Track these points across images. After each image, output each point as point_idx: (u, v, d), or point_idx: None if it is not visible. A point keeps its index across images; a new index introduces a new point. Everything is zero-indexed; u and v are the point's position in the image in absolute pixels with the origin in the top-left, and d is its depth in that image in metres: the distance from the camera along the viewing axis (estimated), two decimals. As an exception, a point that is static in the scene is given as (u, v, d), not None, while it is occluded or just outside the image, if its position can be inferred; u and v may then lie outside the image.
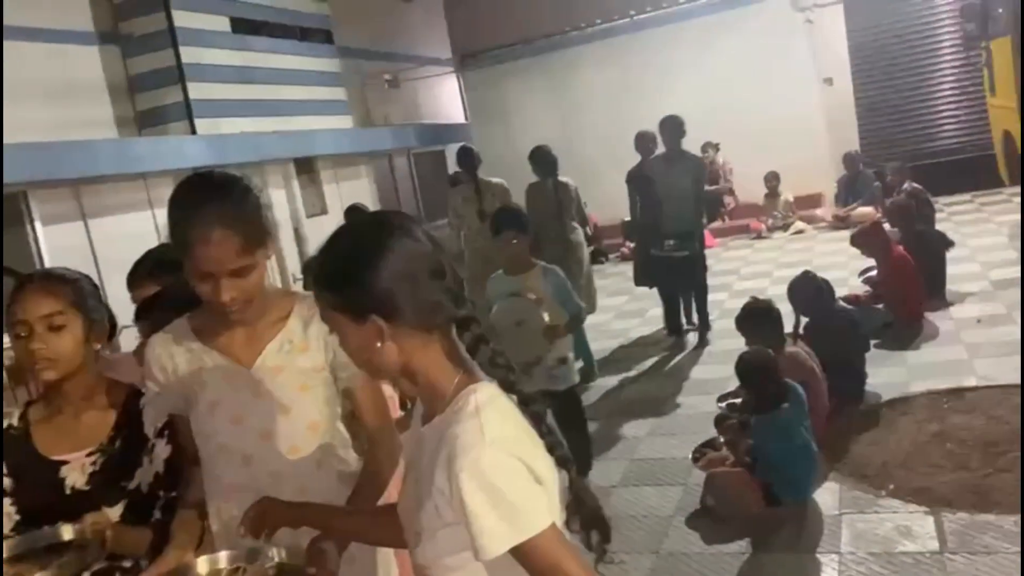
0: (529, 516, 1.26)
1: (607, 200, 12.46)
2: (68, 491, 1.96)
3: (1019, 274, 7.16)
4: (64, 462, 1.98)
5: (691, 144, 12.02)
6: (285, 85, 10.27)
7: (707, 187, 12.36)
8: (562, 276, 4.41)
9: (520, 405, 1.34)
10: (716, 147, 12.37)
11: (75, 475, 1.97)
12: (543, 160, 7.03)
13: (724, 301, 8.28)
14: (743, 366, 4.14)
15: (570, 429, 4.30)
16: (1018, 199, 9.27)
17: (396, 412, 2.84)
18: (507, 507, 1.25)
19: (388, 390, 2.73)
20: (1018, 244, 8.21)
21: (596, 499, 1.36)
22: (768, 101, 12.11)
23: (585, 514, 1.37)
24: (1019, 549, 3.28)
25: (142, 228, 8.16)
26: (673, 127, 7.26)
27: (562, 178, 7.23)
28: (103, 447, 2.01)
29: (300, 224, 10.15)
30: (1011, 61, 7.01)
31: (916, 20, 12.07)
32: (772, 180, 11.75)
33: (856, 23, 12.17)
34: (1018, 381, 4.89)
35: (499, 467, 1.26)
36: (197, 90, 8.91)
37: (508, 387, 1.36)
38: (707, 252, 10.95)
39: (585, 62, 13.44)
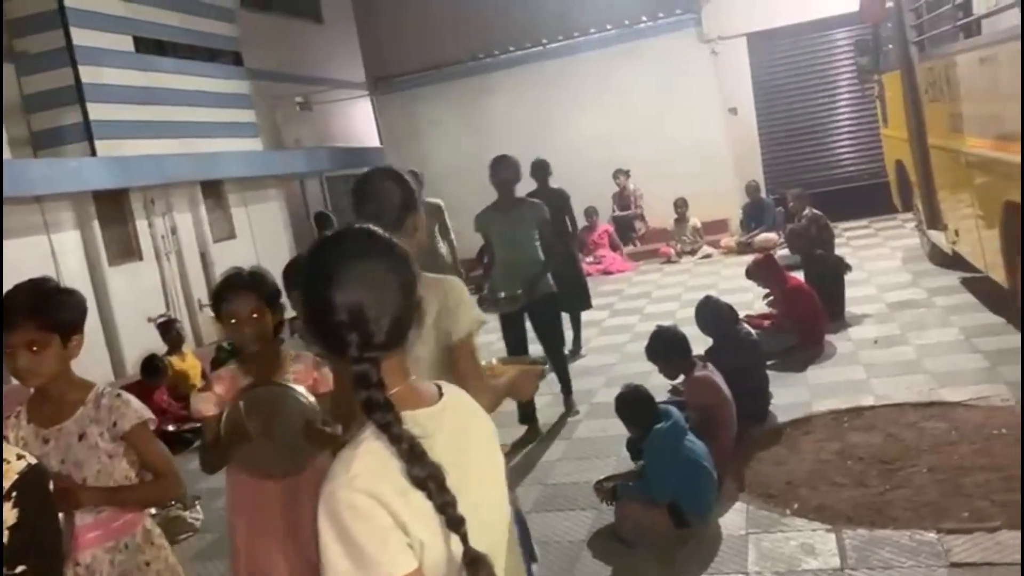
0: (377, 560, 1.21)
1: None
2: None
3: (913, 296, 7.50)
4: None
5: (602, 171, 12.40)
6: (191, 106, 10.03)
7: (618, 213, 12.69)
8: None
9: (415, 459, 1.26)
10: (627, 173, 12.63)
11: None
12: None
13: (635, 324, 8.39)
14: (616, 403, 4.29)
15: None
16: (911, 224, 9.73)
17: None
18: (354, 547, 1.20)
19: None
20: (911, 267, 8.60)
21: (491, 568, 1.29)
22: (676, 129, 12.44)
23: None
24: (913, 563, 3.39)
25: (37, 252, 7.80)
26: (507, 168, 6.37)
27: (431, 199, 7.11)
28: None
29: (207, 249, 9.87)
30: (901, 93, 7.36)
31: (815, 54, 12.61)
32: (680, 206, 12.03)
33: (759, 56, 12.63)
34: (911, 400, 5.09)
35: (351, 505, 1.21)
36: (97, 110, 8.61)
37: (395, 443, 1.28)
38: (620, 276, 11.30)
39: (497, 88, 13.56)
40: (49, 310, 2.26)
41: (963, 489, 3.89)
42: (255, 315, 2.72)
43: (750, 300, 7.94)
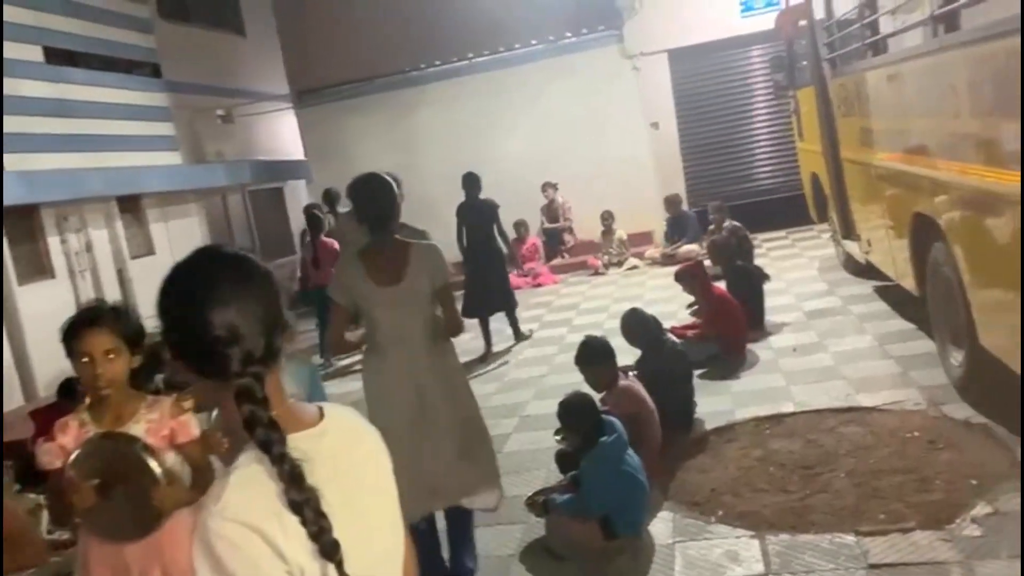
0: None
1: (447, 236, 12.51)
2: None
3: (829, 304, 7.72)
4: None
5: (529, 183, 12.47)
6: (107, 119, 9.72)
7: (547, 225, 12.76)
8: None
9: (294, 482, 1.22)
10: (555, 186, 12.71)
11: None
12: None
13: (564, 336, 8.43)
14: (560, 410, 4.24)
15: None
16: (826, 235, 10.03)
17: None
18: None
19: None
20: (827, 277, 8.86)
21: None
22: (601, 143, 12.60)
23: None
24: (834, 566, 3.47)
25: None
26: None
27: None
28: None
29: (124, 266, 9.57)
30: (815, 109, 7.60)
31: (734, 70, 12.93)
32: (607, 219, 12.17)
33: (680, 71, 12.89)
34: (829, 405, 5.23)
35: (222, 536, 1.18)
36: (5, 123, 8.26)
37: (278, 463, 1.24)
38: (549, 289, 11.36)
39: (424, 101, 13.52)
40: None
41: (879, 492, 4.00)
42: (110, 355, 2.53)
43: (674, 311, 8.06)
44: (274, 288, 1.36)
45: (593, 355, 4.87)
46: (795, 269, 9.65)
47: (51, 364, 7.99)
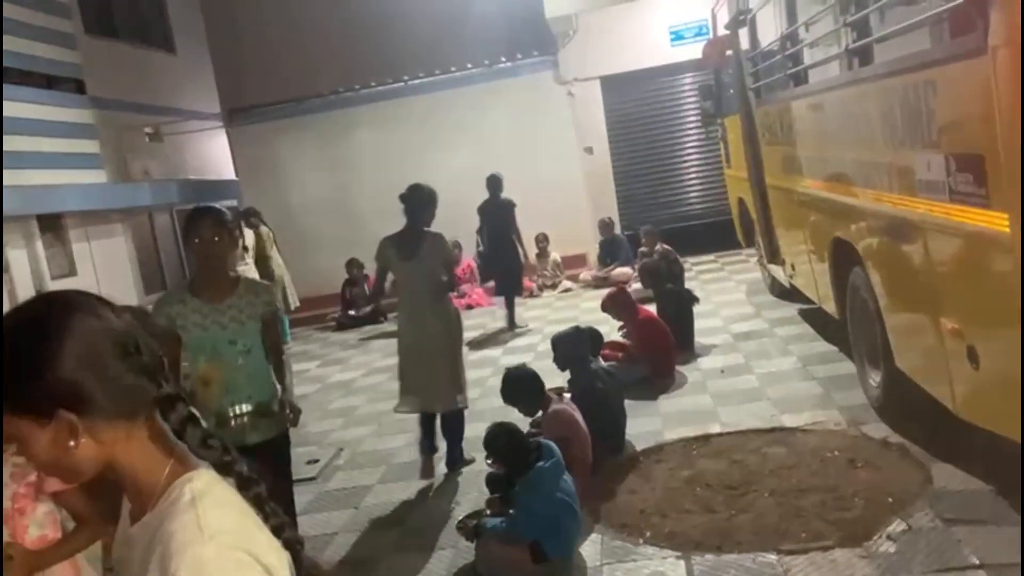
0: None
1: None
2: None
3: (756, 327, 7.89)
4: None
5: (464, 206, 12.48)
6: (26, 135, 9.40)
7: (482, 248, 12.73)
8: None
9: (240, 489, 1.23)
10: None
11: None
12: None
13: (498, 358, 8.43)
14: (486, 440, 4.25)
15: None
16: (753, 259, 10.28)
17: (56, 533, 2.55)
18: None
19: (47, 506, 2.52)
20: (754, 299, 9.07)
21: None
22: (536, 167, 12.69)
23: None
24: (758, 585, 3.53)
25: None
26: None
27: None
28: None
29: (44, 286, 9.23)
30: (741, 136, 7.80)
31: (664, 97, 13.21)
32: (542, 241, 12.25)
33: (612, 97, 13.12)
34: (755, 426, 5.33)
35: (222, 564, 1.13)
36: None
37: (224, 469, 1.24)
38: (483, 310, 11.36)
39: (358, 122, 13.45)
40: None
41: (801, 511, 4.09)
42: None
43: (606, 332, 8.09)
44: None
45: (516, 388, 4.89)
46: (723, 292, 9.84)
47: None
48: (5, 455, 2.41)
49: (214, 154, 14.14)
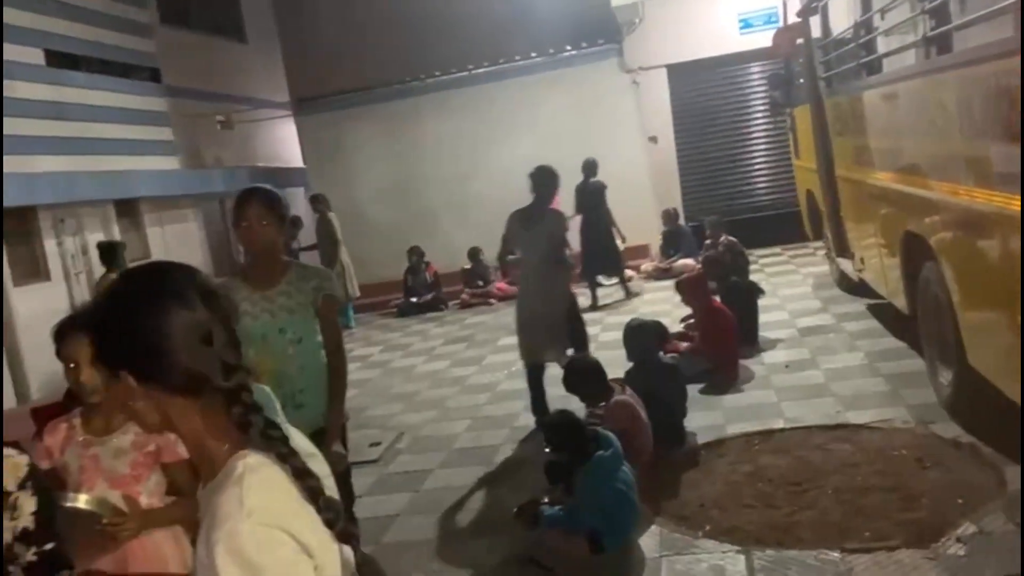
0: None
1: (444, 247, 12.56)
2: None
3: (822, 321, 7.75)
4: None
5: (527, 196, 12.46)
6: (105, 123, 9.75)
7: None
8: None
9: (295, 479, 1.26)
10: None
11: None
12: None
13: (557, 348, 8.42)
14: (547, 431, 4.26)
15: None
16: (821, 252, 10.08)
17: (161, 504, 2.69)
18: None
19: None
20: (821, 294, 8.90)
21: (379, 567, 1.31)
22: (598, 156, 12.59)
23: None
24: (819, 583, 3.49)
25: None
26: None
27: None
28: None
29: (121, 269, 9.57)
30: (811, 127, 7.65)
31: (732, 86, 13.00)
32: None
33: (679, 86, 12.96)
34: (819, 422, 5.25)
35: (257, 540, 1.17)
36: (6, 125, 8.29)
37: (281, 460, 1.27)
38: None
39: (422, 112, 13.56)
40: None
41: (865, 509, 4.01)
42: (95, 362, 2.51)
43: (667, 324, 8.05)
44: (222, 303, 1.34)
45: (580, 378, 4.90)
46: (790, 285, 9.67)
47: (45, 366, 8.00)
48: (126, 424, 2.60)
49: (283, 142, 14.45)
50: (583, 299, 10.08)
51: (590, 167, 10.49)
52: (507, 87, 13.20)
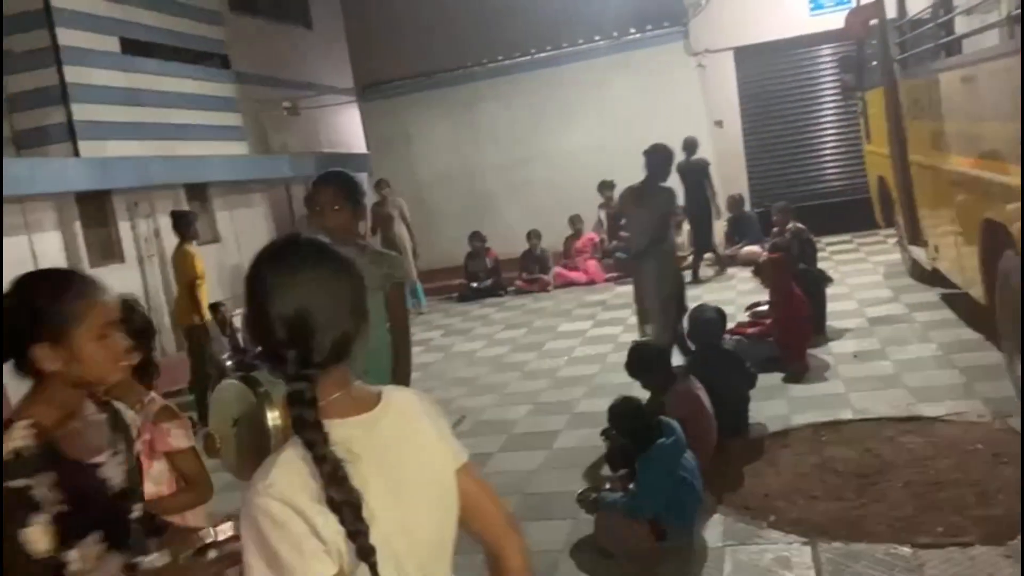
0: (292, 566, 1.24)
1: (505, 232, 12.59)
2: (113, 492, 1.88)
3: (893, 311, 7.56)
4: (98, 464, 1.87)
5: (589, 181, 12.46)
6: (176, 108, 10.01)
7: (605, 222, 12.68)
8: None
9: (335, 482, 1.27)
10: (611, 186, 12.60)
11: (114, 474, 1.89)
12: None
13: (618, 335, 8.42)
14: (610, 414, 4.25)
15: None
16: (892, 240, 9.82)
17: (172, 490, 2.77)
18: (272, 555, 1.24)
19: None
20: (892, 283, 8.67)
21: None
22: (662, 140, 12.44)
23: None
24: (888, 577, 3.42)
25: (17, 253, 7.75)
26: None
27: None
28: (117, 447, 1.94)
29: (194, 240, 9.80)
30: (884, 110, 7.43)
31: (801, 69, 12.70)
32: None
33: (745, 69, 12.71)
34: (889, 414, 5.13)
35: (267, 512, 1.25)
36: (82, 111, 8.59)
37: (317, 461, 1.29)
38: (603, 286, 11.35)
39: (486, 97, 13.58)
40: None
41: (938, 504, 3.92)
42: None
43: (732, 313, 7.94)
44: (358, 285, 1.40)
45: (643, 362, 4.87)
46: (859, 274, 9.46)
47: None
48: (130, 414, 2.57)
49: (347, 128, 14.63)
50: (620, 298, 10.07)
51: (691, 145, 10.70)
52: (570, 71, 13.12)
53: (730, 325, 6.93)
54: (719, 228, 12.32)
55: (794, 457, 4.78)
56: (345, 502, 1.25)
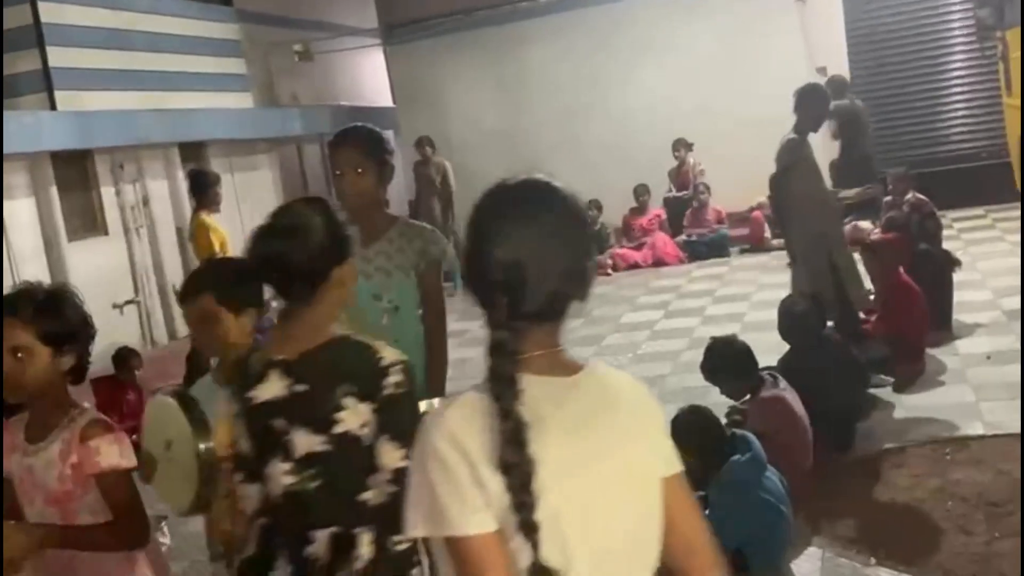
0: (449, 515, 1.37)
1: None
2: None
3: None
4: None
5: (656, 142, 12.39)
6: (168, 53, 10.12)
7: (676, 193, 12.63)
8: None
9: (511, 443, 1.37)
10: (688, 146, 12.54)
11: None
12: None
13: (694, 328, 8.39)
14: (674, 426, 4.17)
15: None
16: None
17: None
18: (433, 498, 1.39)
19: None
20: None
21: None
22: (751, 93, 12.34)
23: None
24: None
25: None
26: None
27: None
28: None
29: (185, 223, 9.95)
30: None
31: (925, 5, 12.48)
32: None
33: (856, 6, 12.55)
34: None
35: (437, 453, 1.39)
36: (58, 56, 8.74)
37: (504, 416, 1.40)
38: (676, 270, 11.28)
39: (533, 39, 13.54)
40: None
41: (1090, 540, 3.85)
42: (18, 354, 2.47)
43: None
44: (587, 235, 1.56)
45: (723, 363, 4.83)
46: (994, 256, 9.32)
47: (104, 332, 8.46)
48: (55, 431, 2.55)
49: (369, 77, 14.72)
50: (695, 283, 9.98)
51: (839, 85, 10.50)
52: (635, 8, 13.03)
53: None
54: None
55: (911, 479, 4.75)
56: (517, 467, 1.35)
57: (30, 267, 8.01)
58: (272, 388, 2.25)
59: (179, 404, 2.48)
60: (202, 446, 2.38)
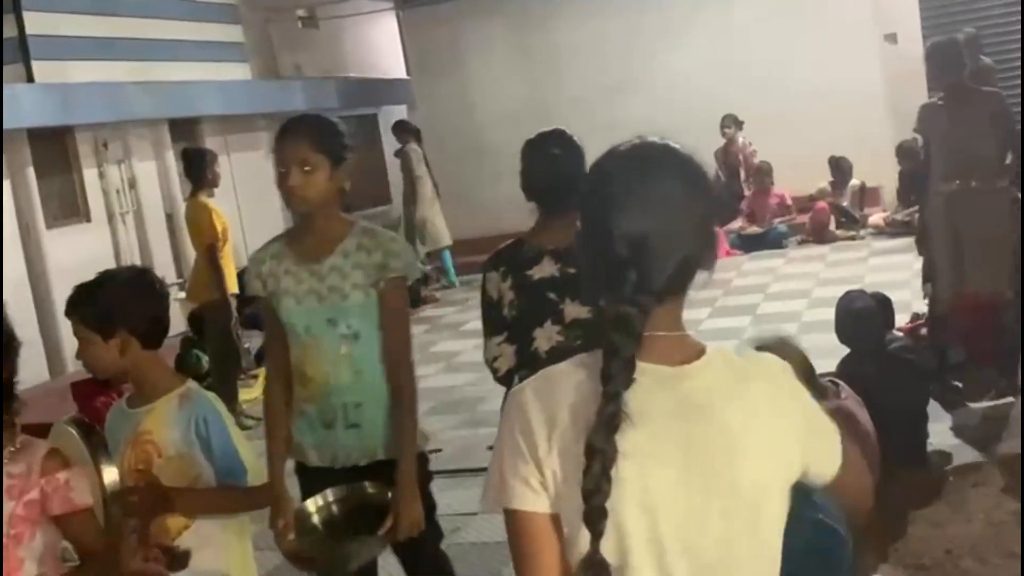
0: (500, 482, 1.48)
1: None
2: None
3: None
4: None
5: (703, 119, 12.34)
6: (158, 20, 10.14)
7: (722, 178, 12.58)
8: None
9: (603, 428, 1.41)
10: (739, 124, 12.49)
11: None
12: None
13: (745, 329, 8.37)
14: None
15: None
16: None
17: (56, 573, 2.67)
18: (497, 461, 1.50)
19: None
20: None
21: None
22: (809, 64, 12.29)
23: None
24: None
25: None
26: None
27: None
28: None
29: (175, 208, 10.00)
30: None
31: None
32: (840, 166, 12.19)
33: (930, -34, 12.46)
34: None
35: (518, 406, 1.51)
36: (37, 22, 8.76)
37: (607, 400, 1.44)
38: (725, 262, 11.23)
39: (563, 5, 13.53)
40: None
41: None
42: None
43: (906, 300, 7.83)
44: (707, 195, 1.57)
45: None
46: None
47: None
48: (6, 453, 2.40)
49: (381, 46, 14.72)
50: (746, 277, 9.91)
51: (972, 42, 10.03)
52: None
53: (903, 317, 6.83)
54: (889, 184, 12.11)
55: (990, 500, 4.73)
56: (603, 453, 1.38)
57: (5, 257, 8.04)
58: (546, 269, 3.49)
59: (79, 433, 2.62)
60: (106, 472, 2.55)
